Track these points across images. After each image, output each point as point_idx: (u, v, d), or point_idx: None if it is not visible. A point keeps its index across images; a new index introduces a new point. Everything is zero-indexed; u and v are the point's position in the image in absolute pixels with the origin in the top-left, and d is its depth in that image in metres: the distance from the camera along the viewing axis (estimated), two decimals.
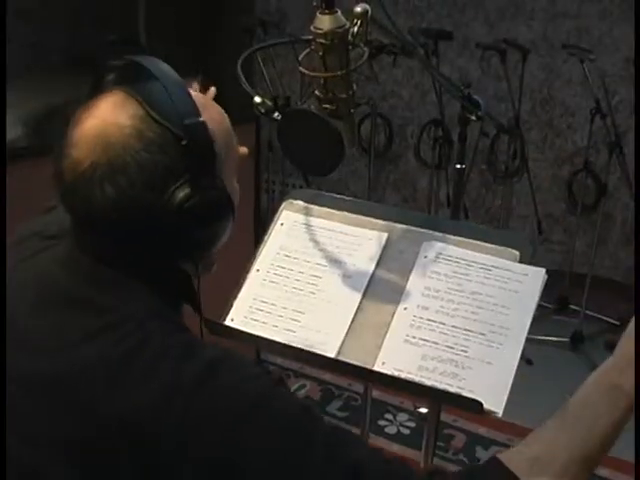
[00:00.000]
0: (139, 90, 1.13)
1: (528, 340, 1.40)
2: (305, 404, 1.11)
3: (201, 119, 1.12)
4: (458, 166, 1.83)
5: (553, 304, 4.44)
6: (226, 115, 1.25)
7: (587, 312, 4.25)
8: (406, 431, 3.48)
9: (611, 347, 1.18)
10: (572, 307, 4.45)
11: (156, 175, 1.09)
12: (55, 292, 1.14)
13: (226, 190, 1.18)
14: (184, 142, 1.10)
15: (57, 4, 4.13)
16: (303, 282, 1.54)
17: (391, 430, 3.49)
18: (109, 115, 1.11)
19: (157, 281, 1.17)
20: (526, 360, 3.58)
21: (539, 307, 1.44)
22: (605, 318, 4.42)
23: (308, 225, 1.61)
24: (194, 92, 1.19)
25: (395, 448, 3.35)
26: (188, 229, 1.13)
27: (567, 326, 4.29)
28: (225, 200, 1.18)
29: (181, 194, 1.10)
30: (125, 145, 1.09)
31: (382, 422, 3.53)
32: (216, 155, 1.15)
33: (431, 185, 4.74)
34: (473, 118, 1.72)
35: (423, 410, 1.83)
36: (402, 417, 3.57)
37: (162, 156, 1.09)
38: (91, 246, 1.15)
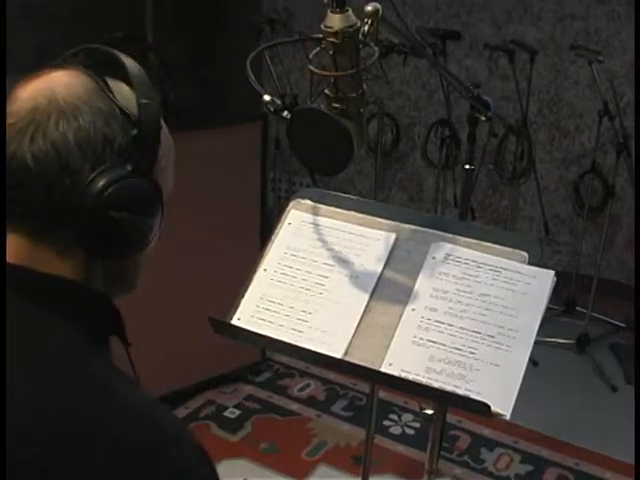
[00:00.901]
0: (97, 72, 1.07)
1: (535, 342, 1.40)
2: None
3: (153, 101, 1.06)
4: (467, 167, 1.82)
5: (559, 306, 4.43)
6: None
7: (593, 314, 4.24)
8: (411, 432, 3.47)
9: (616, 350, 1.17)
10: (578, 309, 4.44)
11: (93, 142, 1.01)
12: None
13: (160, 187, 1.08)
14: (133, 119, 1.03)
15: (63, 3, 4.14)
16: (310, 282, 1.53)
17: (396, 430, 3.48)
18: (60, 78, 1.05)
19: (70, 304, 1.06)
20: (532, 361, 3.57)
21: (545, 308, 1.44)
22: (611, 320, 4.41)
23: (316, 224, 1.60)
24: None
25: (400, 449, 3.35)
26: (109, 214, 1.02)
27: (573, 328, 4.29)
28: (159, 196, 1.08)
29: (114, 172, 1.01)
30: (70, 104, 1.01)
31: (387, 422, 3.53)
32: (159, 148, 1.07)
33: (437, 185, 4.74)
34: (483, 118, 1.71)
35: (429, 411, 1.83)
36: (407, 417, 3.56)
37: (106, 127, 1.02)
38: None
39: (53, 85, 1.03)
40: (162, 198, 1.09)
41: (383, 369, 1.41)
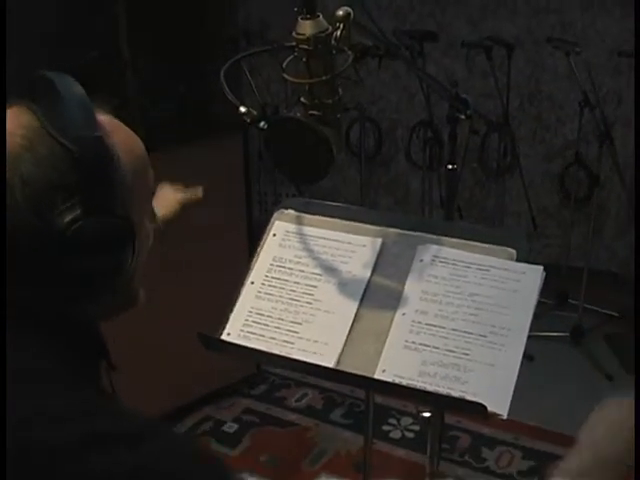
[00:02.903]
0: (39, 103, 1.05)
1: (528, 336, 1.39)
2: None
3: (97, 134, 1.03)
4: (450, 166, 1.81)
5: (551, 299, 4.43)
6: (141, 143, 1.14)
7: (586, 305, 4.23)
8: (410, 435, 3.45)
9: (611, 340, 1.17)
10: (570, 301, 4.43)
11: (42, 192, 1.00)
12: None
13: (127, 219, 1.06)
14: (76, 155, 1.00)
15: (35, 23, 4.11)
16: (299, 292, 1.52)
17: (395, 435, 3.47)
18: (6, 125, 1.03)
19: (53, 332, 1.05)
20: (527, 356, 3.56)
21: (538, 303, 1.43)
22: (604, 310, 4.40)
23: (301, 234, 1.59)
24: (105, 115, 1.11)
25: (400, 453, 3.33)
26: (75, 258, 1.02)
27: (566, 320, 4.28)
28: (122, 230, 1.05)
29: (68, 216, 1.00)
30: (14, 157, 1.00)
31: (386, 427, 3.51)
32: (117, 177, 1.04)
33: (423, 186, 4.73)
34: (462, 117, 1.70)
35: (426, 414, 1.81)
36: (406, 421, 3.54)
37: (52, 172, 1.00)
38: None
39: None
40: (130, 228, 1.06)
41: (376, 376, 1.39)
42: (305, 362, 1.43)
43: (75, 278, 1.04)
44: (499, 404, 1.32)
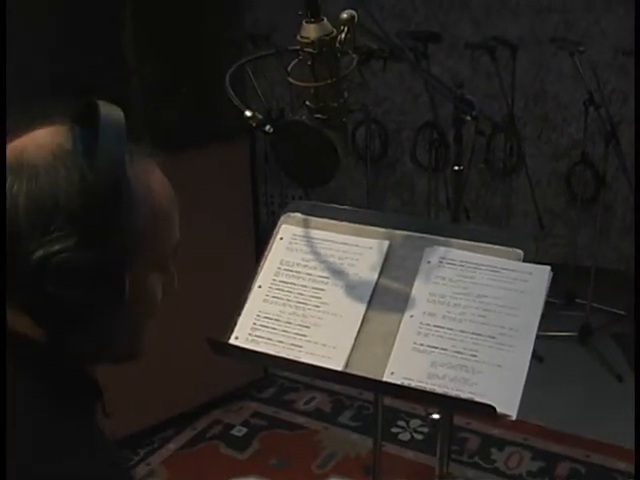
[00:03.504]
0: (85, 128, 1.04)
1: (536, 337, 1.38)
2: None
3: (120, 172, 1.00)
4: (456, 167, 1.81)
5: (559, 299, 4.42)
6: (173, 200, 1.16)
7: (593, 305, 4.23)
8: (419, 437, 3.45)
9: (619, 339, 1.17)
10: (578, 301, 4.42)
11: (44, 210, 0.98)
12: None
13: (120, 263, 1.02)
14: (89, 187, 0.98)
15: (41, 27, 4.11)
16: (306, 296, 1.51)
17: (404, 437, 3.46)
18: (38, 137, 1.04)
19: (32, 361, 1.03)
20: (537, 357, 3.55)
21: (545, 303, 1.42)
22: (612, 309, 4.40)
23: (308, 237, 1.59)
24: (149, 161, 1.11)
25: (409, 455, 3.32)
26: (56, 288, 0.97)
27: (574, 320, 4.27)
28: (109, 273, 1.01)
29: (59, 244, 0.97)
30: (32, 166, 1.00)
31: (395, 429, 3.51)
32: (125, 220, 1.01)
33: (429, 188, 4.73)
34: (468, 118, 1.70)
35: (435, 416, 1.81)
36: (415, 423, 3.54)
37: (61, 195, 0.98)
38: None
39: (27, 145, 1.03)
40: (118, 278, 1.02)
41: (385, 379, 1.39)
42: (314, 365, 1.43)
43: (52, 308, 1.00)
44: (508, 405, 1.31)
